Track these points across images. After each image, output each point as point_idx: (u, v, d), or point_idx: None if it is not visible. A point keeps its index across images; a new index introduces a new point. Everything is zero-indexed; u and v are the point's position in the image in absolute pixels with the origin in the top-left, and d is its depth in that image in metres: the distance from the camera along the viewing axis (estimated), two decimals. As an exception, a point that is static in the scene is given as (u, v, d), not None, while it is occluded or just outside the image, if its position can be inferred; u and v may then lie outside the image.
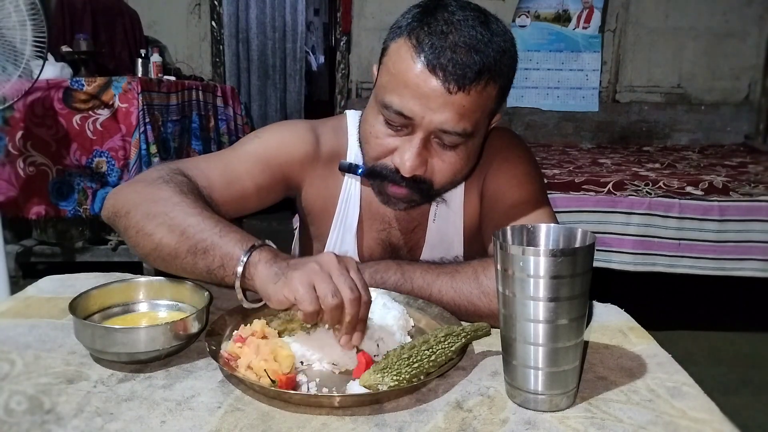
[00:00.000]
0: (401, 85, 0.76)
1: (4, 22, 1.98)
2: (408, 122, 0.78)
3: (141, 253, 0.77)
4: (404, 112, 0.76)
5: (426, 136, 0.78)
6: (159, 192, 0.78)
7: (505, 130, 1.01)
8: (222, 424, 0.54)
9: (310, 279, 0.61)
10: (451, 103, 0.75)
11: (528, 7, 4.29)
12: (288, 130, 0.97)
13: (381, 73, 0.82)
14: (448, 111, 0.75)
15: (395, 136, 0.80)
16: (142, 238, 0.75)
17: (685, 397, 0.60)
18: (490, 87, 0.77)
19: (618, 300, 0.87)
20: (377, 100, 0.81)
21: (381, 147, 0.82)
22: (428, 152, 0.80)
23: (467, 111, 0.76)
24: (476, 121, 0.78)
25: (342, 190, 0.97)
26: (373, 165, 0.84)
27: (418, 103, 0.75)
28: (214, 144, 3.44)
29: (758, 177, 2.54)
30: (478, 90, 0.75)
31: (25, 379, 0.61)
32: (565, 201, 2.42)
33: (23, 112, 2.51)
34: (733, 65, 4.28)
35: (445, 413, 0.56)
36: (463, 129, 0.77)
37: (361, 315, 0.63)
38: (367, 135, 0.84)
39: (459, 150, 0.81)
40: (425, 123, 0.76)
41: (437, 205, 0.96)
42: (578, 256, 0.55)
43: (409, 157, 0.78)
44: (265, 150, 0.93)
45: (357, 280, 0.63)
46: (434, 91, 0.74)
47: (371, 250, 0.99)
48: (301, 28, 4.85)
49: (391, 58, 0.79)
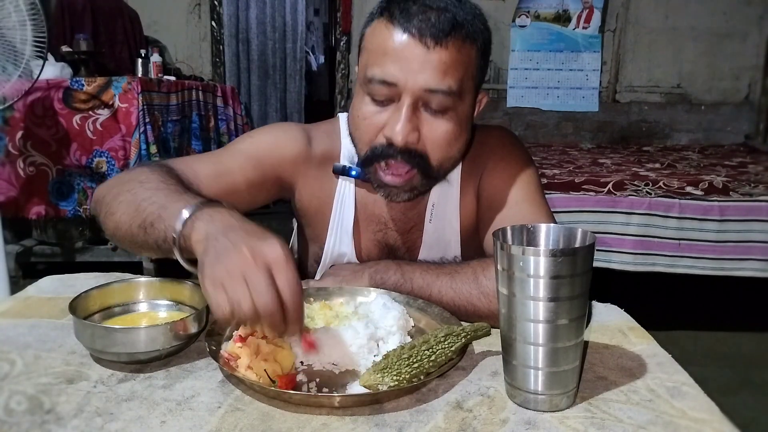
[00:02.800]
0: (380, 55, 0.78)
1: (4, 22, 1.98)
2: (393, 91, 0.78)
3: (108, 234, 0.77)
4: (387, 79, 0.77)
5: (413, 102, 0.78)
6: (131, 174, 0.78)
7: (500, 128, 1.01)
8: (222, 424, 0.54)
9: (223, 281, 0.55)
10: (431, 60, 0.76)
11: (528, 7, 4.29)
12: (281, 130, 0.98)
13: (360, 59, 0.83)
14: (429, 69, 0.76)
15: (383, 111, 0.80)
16: (108, 219, 0.76)
17: (685, 397, 0.60)
18: (468, 45, 0.78)
19: (618, 300, 0.87)
20: (361, 83, 0.82)
21: (371, 126, 0.82)
22: (418, 120, 0.80)
23: (448, 68, 0.77)
24: (460, 80, 0.78)
25: (336, 192, 0.97)
26: (367, 150, 0.83)
27: (398, 68, 0.76)
28: (214, 144, 3.44)
29: (758, 177, 2.54)
30: (456, 45, 0.77)
31: (25, 379, 0.61)
32: (565, 201, 2.41)
33: (23, 112, 2.51)
34: (733, 65, 4.28)
35: (445, 413, 0.56)
36: (448, 86, 0.77)
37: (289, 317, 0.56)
38: (357, 120, 0.84)
39: (449, 116, 0.80)
40: (410, 86, 0.77)
41: (433, 206, 0.96)
42: (578, 256, 0.55)
43: (399, 124, 0.78)
44: (257, 148, 0.93)
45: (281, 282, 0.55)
46: (412, 52, 0.76)
47: (369, 252, 0.99)
48: (301, 28, 4.85)
49: (368, 39, 0.81)
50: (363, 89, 0.81)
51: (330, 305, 0.78)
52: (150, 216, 0.69)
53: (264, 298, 0.54)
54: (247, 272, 0.54)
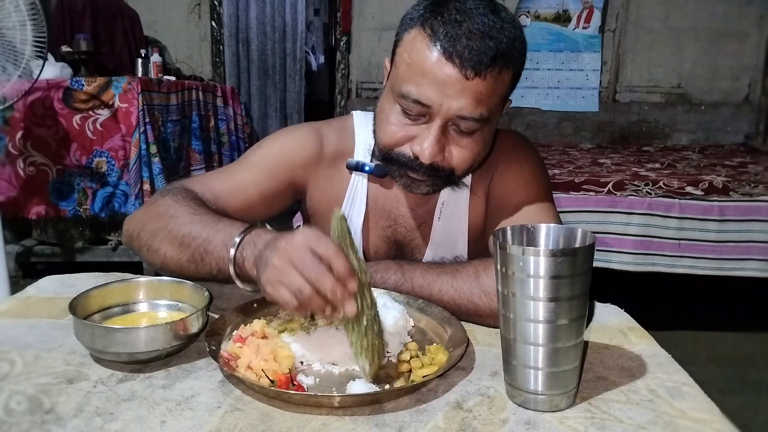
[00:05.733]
0: (418, 74, 0.78)
1: (4, 22, 1.98)
2: (426, 110, 0.79)
3: (156, 269, 0.83)
4: (422, 101, 0.78)
5: (443, 124, 0.79)
6: (158, 208, 0.84)
7: (514, 132, 1.03)
8: (222, 424, 0.54)
9: (278, 277, 0.60)
10: (468, 89, 0.76)
11: (528, 7, 4.29)
12: (289, 136, 0.99)
13: (396, 64, 0.83)
14: (465, 97, 0.76)
15: (413, 125, 0.82)
16: (151, 255, 0.82)
17: (685, 397, 0.60)
18: (505, 72, 0.79)
19: (618, 300, 0.87)
20: (393, 91, 0.82)
21: (398, 135, 0.83)
22: (446, 139, 0.81)
23: (484, 97, 0.77)
24: (492, 107, 0.80)
25: (348, 188, 0.98)
26: (389, 152, 0.85)
27: (435, 91, 0.77)
28: (214, 144, 3.44)
29: (758, 177, 2.54)
30: (494, 75, 0.77)
31: (25, 379, 0.61)
32: (565, 201, 2.41)
33: (23, 112, 2.51)
34: (733, 65, 4.28)
35: (445, 413, 0.56)
36: (480, 114, 0.78)
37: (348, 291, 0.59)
38: (384, 124, 0.85)
39: (476, 135, 0.82)
40: (443, 110, 0.78)
41: (443, 204, 0.97)
42: (578, 256, 0.55)
43: (429, 144, 0.79)
44: (267, 158, 0.95)
45: (331, 259, 0.59)
46: (451, 78, 0.76)
47: (376, 248, 1.00)
48: (301, 28, 4.85)
49: (406, 48, 0.80)
50: (395, 98, 0.82)
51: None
52: (197, 251, 0.77)
53: (315, 271, 0.58)
54: (293, 259, 0.59)
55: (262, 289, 0.63)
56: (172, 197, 0.84)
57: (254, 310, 0.75)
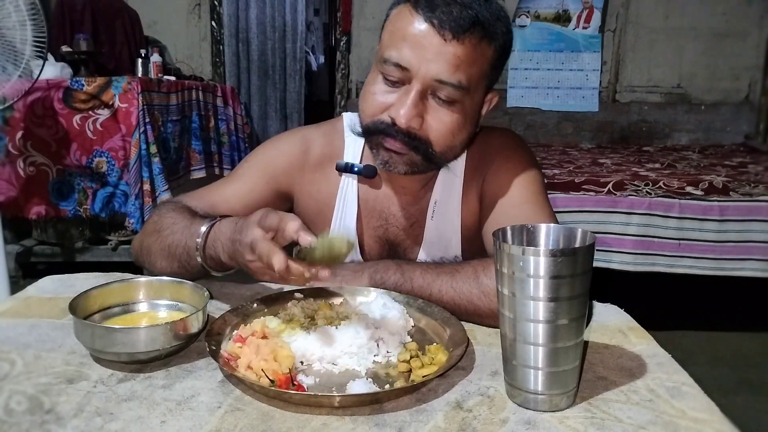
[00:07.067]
0: (399, 38, 0.81)
1: (4, 22, 1.98)
2: (405, 75, 0.81)
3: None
4: (401, 63, 0.80)
5: (422, 89, 0.81)
6: (149, 226, 0.91)
7: (506, 130, 1.03)
8: (222, 424, 0.54)
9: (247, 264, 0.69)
10: (446, 52, 0.78)
11: (528, 7, 4.29)
12: (272, 146, 1.03)
13: (382, 36, 0.86)
14: (443, 60, 0.78)
15: (393, 92, 0.83)
16: (154, 270, 0.88)
17: (685, 397, 0.60)
18: (485, 44, 0.81)
19: (618, 300, 0.87)
20: (377, 61, 0.85)
21: (378, 102, 0.84)
22: (424, 107, 0.82)
23: (462, 63, 0.79)
24: (471, 76, 0.81)
25: (339, 189, 0.99)
26: (370, 121, 0.86)
27: (414, 54, 0.79)
28: (214, 144, 3.44)
29: (758, 177, 2.54)
30: (473, 43, 0.79)
31: (25, 379, 0.61)
32: (565, 201, 2.41)
33: (23, 112, 2.51)
34: (733, 65, 4.28)
35: (445, 413, 0.56)
36: (458, 80, 0.79)
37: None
38: (366, 94, 0.87)
39: (455, 107, 0.83)
40: (421, 73, 0.79)
41: (435, 203, 0.97)
42: (578, 256, 0.55)
43: (406, 107, 0.81)
44: (250, 170, 1.00)
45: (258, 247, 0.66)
46: (429, 41, 0.78)
47: (370, 248, 1.00)
48: (301, 28, 4.84)
49: (391, 21, 0.85)
50: (378, 67, 0.84)
51: (330, 305, 0.78)
52: (182, 257, 0.83)
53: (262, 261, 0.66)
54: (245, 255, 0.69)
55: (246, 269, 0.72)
56: (157, 214, 0.91)
57: (254, 310, 0.75)
